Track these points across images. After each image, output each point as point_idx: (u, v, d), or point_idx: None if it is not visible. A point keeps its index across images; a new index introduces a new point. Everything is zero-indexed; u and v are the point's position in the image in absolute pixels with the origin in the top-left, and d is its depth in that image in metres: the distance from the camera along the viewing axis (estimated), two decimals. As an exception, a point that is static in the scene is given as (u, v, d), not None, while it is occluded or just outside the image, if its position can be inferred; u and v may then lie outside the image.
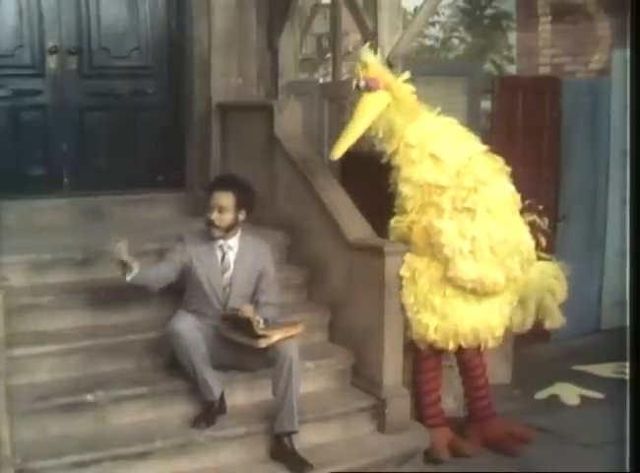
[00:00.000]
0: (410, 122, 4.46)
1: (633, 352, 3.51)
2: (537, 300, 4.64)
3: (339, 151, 4.47)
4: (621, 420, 3.51)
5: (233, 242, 4.31)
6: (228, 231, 4.26)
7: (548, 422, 5.00)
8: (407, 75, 4.52)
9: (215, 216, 4.21)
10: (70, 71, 5.72)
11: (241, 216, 4.28)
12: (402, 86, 4.49)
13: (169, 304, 4.40)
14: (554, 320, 4.70)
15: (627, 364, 3.59)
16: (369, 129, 4.49)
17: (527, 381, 5.61)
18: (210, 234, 4.26)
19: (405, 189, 4.49)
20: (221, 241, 4.28)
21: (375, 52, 4.59)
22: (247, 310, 4.07)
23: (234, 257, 4.30)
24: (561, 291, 4.69)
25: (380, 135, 4.49)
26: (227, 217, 4.22)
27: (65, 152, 5.77)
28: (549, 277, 4.67)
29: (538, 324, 4.73)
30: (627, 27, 3.77)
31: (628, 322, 3.58)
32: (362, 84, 4.44)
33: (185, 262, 4.24)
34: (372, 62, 4.47)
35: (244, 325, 4.04)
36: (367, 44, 4.86)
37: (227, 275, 4.29)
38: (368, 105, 4.46)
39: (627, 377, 3.59)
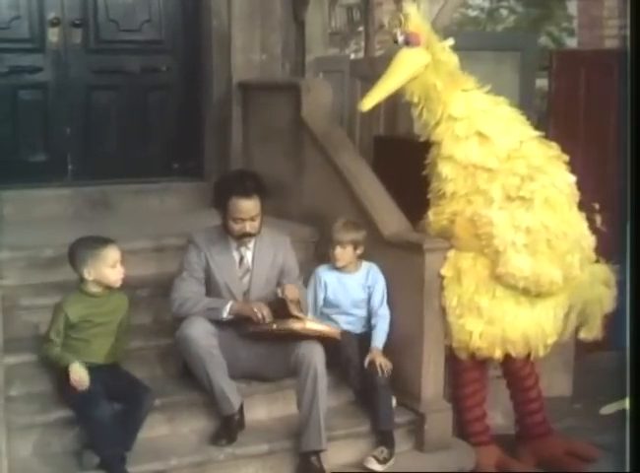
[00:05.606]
0: (451, 89, 4.43)
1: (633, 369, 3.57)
2: (581, 306, 4.59)
3: (369, 103, 4.46)
4: None
5: (251, 242, 4.37)
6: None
7: (616, 440, 4.92)
8: (451, 41, 4.48)
9: (249, 227, 4.26)
10: (74, 45, 5.79)
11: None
12: (445, 47, 4.47)
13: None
14: (592, 332, 4.64)
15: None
16: (403, 91, 4.46)
17: (590, 394, 5.56)
18: (242, 243, 4.32)
19: (445, 170, 4.45)
20: (237, 243, 4.35)
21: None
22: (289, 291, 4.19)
23: (252, 258, 4.37)
24: (609, 300, 4.62)
25: (415, 100, 4.46)
26: (258, 222, 4.30)
27: (69, 136, 5.84)
28: (600, 282, 4.61)
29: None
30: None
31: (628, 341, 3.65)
32: (401, 38, 4.42)
33: (205, 268, 4.30)
34: (414, 15, 4.44)
35: (279, 308, 4.14)
36: None
37: (247, 279, 4.36)
38: (404, 61, 4.43)
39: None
